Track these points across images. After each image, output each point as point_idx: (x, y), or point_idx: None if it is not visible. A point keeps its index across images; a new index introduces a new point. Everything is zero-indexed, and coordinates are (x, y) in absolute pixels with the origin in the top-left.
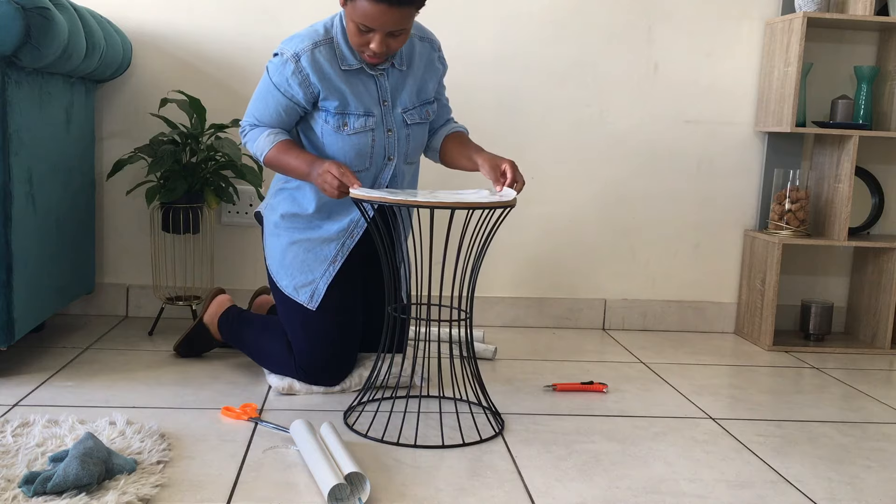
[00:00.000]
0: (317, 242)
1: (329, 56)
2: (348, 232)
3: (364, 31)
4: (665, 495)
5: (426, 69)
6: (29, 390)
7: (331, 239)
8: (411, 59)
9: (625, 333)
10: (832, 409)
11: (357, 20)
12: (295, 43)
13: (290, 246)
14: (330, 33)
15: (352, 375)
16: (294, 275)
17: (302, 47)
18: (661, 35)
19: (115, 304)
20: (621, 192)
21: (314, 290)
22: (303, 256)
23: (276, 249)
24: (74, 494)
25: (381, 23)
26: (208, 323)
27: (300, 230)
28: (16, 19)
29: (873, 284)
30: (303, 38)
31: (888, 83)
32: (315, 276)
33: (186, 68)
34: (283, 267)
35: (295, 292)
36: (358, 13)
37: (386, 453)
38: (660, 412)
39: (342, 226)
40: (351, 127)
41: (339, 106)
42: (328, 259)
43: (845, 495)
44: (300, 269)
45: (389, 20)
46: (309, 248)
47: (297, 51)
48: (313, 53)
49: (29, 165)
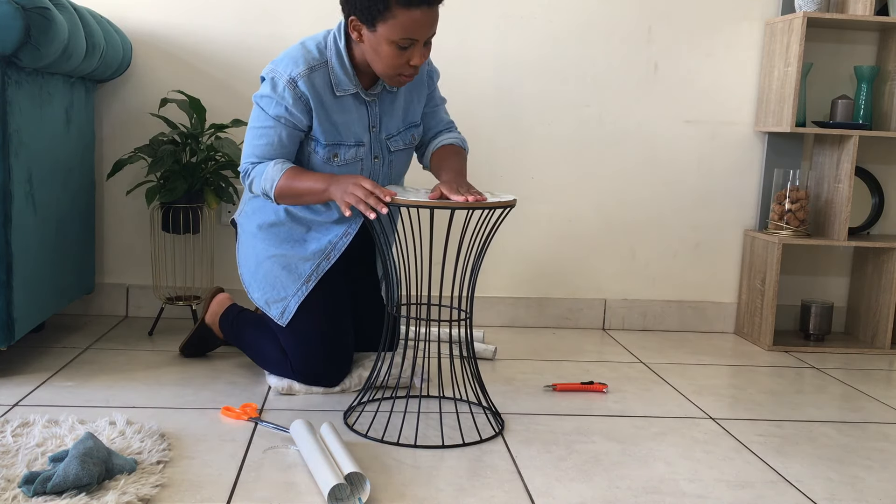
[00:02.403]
0: (293, 259)
1: (324, 81)
2: (325, 254)
3: (404, 48)
4: (665, 495)
5: (413, 88)
6: (29, 390)
7: (307, 259)
8: None
9: (625, 333)
10: (832, 409)
11: (399, 36)
12: (288, 66)
13: (266, 260)
14: (324, 56)
15: (351, 375)
16: (266, 289)
17: (298, 71)
18: (661, 35)
19: (115, 304)
20: (621, 192)
21: (285, 307)
22: (277, 272)
23: (250, 260)
24: (74, 494)
25: (424, 29)
26: (210, 323)
27: (277, 243)
28: (16, 19)
29: (873, 284)
30: (296, 60)
31: (888, 83)
32: (287, 293)
33: (186, 68)
34: (256, 280)
35: (266, 306)
36: (400, 28)
37: (386, 453)
38: (660, 412)
39: (319, 246)
40: (342, 158)
41: (330, 137)
42: (302, 278)
43: (845, 495)
44: (273, 284)
45: (431, 23)
46: (284, 264)
47: (293, 75)
48: (310, 78)
49: (29, 165)
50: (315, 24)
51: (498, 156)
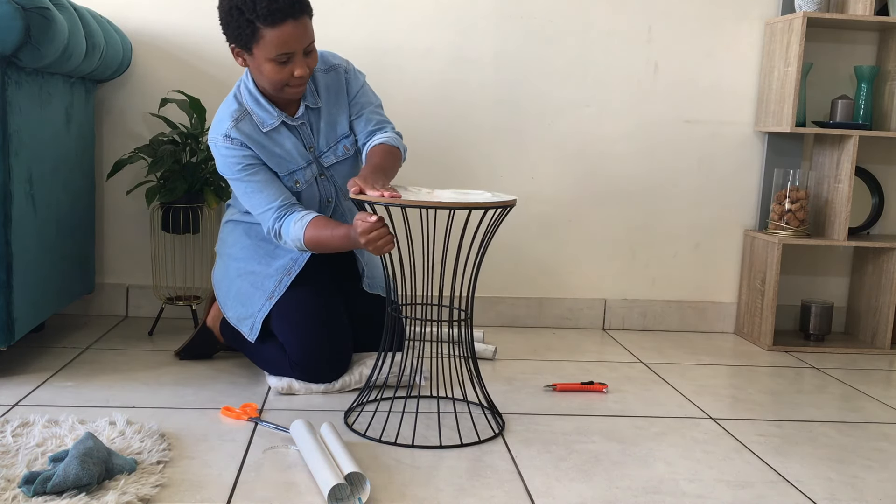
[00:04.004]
0: (259, 277)
1: (251, 126)
2: (286, 269)
3: (283, 63)
4: (665, 495)
5: (335, 101)
6: (29, 390)
7: (270, 275)
8: (320, 95)
9: (625, 333)
10: (832, 409)
11: (274, 53)
12: (217, 128)
13: (236, 279)
14: (242, 104)
15: (352, 373)
16: (236, 307)
17: (226, 127)
18: (661, 35)
19: (115, 304)
20: (621, 192)
21: (253, 323)
22: (245, 290)
23: (223, 282)
24: (74, 494)
25: (296, 41)
26: (211, 326)
27: (246, 259)
28: (16, 19)
29: (873, 284)
30: (221, 120)
31: (888, 83)
32: (253, 310)
33: (186, 68)
34: (228, 299)
35: (238, 323)
36: (272, 46)
37: (386, 453)
38: (660, 412)
39: (283, 263)
40: (302, 182)
41: (282, 168)
42: (266, 294)
43: (845, 495)
44: (242, 302)
45: (301, 34)
46: (252, 281)
47: (224, 132)
48: (238, 128)
49: (29, 165)
50: (315, 23)
51: (498, 156)
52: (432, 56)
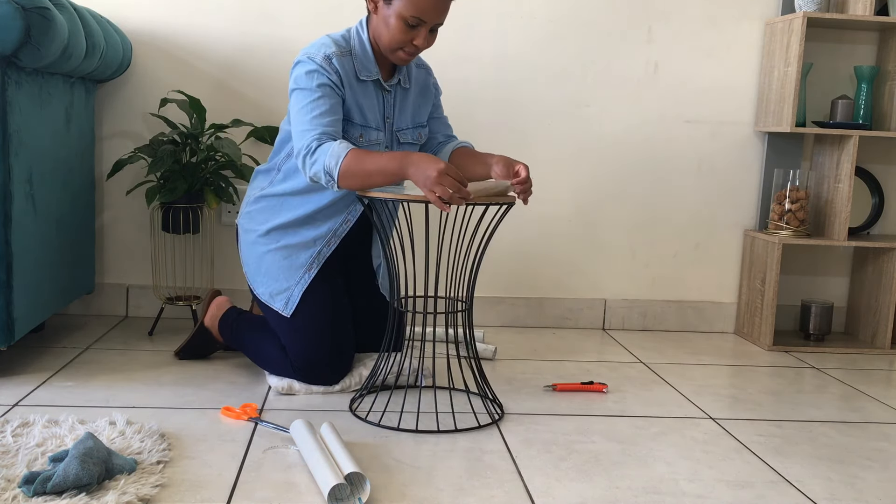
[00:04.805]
0: (294, 249)
1: (350, 66)
2: (325, 240)
3: (412, 27)
4: (665, 495)
5: (421, 94)
6: (29, 390)
7: (307, 246)
8: (411, 82)
9: (625, 333)
10: (832, 409)
11: (410, 13)
12: (321, 49)
13: (267, 254)
14: (349, 44)
15: (352, 374)
16: (269, 282)
17: (330, 52)
18: (661, 35)
19: (115, 304)
20: (621, 192)
21: (289, 297)
22: (279, 264)
23: (252, 256)
24: (74, 494)
25: (434, 14)
26: (209, 326)
27: (279, 236)
28: (16, 19)
29: (873, 284)
30: (326, 44)
31: (888, 83)
32: (290, 283)
33: (186, 68)
34: (259, 274)
35: (270, 299)
36: (413, 6)
37: (386, 453)
38: (660, 412)
39: (320, 233)
40: (367, 139)
41: (358, 117)
42: (304, 266)
43: (845, 495)
44: (275, 276)
45: (441, 10)
46: (286, 254)
47: (328, 54)
48: (340, 59)
49: (29, 165)
50: (314, 23)
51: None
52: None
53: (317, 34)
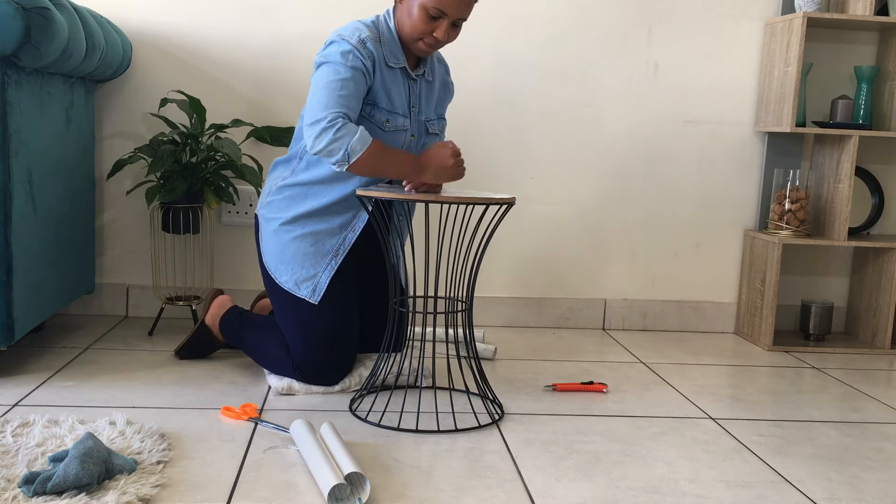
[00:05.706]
0: (321, 235)
1: (379, 52)
2: (350, 226)
3: (434, 18)
4: (665, 495)
5: (442, 87)
6: (29, 390)
7: (333, 233)
8: (434, 75)
9: (625, 333)
10: (832, 409)
11: (431, 4)
12: (355, 32)
13: (292, 242)
14: (378, 31)
15: (352, 375)
16: (295, 269)
17: (364, 35)
18: (661, 35)
19: (115, 304)
20: (621, 192)
21: (316, 283)
22: (305, 251)
23: (275, 245)
24: (74, 494)
25: (456, 8)
26: (210, 325)
27: (308, 224)
28: (16, 19)
29: (873, 284)
30: (360, 28)
31: (888, 83)
32: (317, 269)
33: (186, 68)
34: (284, 262)
35: (296, 287)
36: None
37: (386, 453)
38: (660, 412)
39: (345, 219)
40: (393, 124)
41: (385, 103)
42: (330, 253)
43: (845, 495)
44: (301, 263)
45: (464, 5)
46: (313, 241)
47: (363, 37)
48: (374, 44)
49: (29, 165)
50: (315, 23)
51: (498, 156)
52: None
53: (317, 34)
